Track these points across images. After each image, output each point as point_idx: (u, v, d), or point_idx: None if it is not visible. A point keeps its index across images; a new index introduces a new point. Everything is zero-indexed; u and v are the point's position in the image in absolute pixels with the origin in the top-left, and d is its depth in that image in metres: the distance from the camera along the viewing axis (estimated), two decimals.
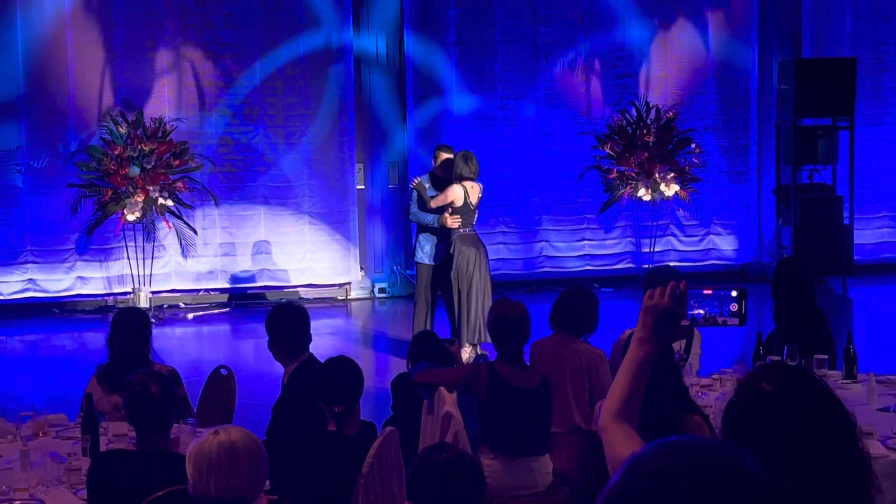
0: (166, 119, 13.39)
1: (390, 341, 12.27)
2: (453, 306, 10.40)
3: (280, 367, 6.36)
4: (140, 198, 12.89)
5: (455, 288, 10.30)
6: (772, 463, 2.40)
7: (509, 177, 14.54)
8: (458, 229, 10.36)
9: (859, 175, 14.74)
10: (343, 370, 5.34)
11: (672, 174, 14.10)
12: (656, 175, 14.05)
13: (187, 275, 13.97)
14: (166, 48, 13.77)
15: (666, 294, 2.68)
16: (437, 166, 10.75)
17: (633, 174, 14.18)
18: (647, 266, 13.90)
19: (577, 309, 6.80)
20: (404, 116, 14.54)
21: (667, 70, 15.08)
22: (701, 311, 2.75)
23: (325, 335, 11.75)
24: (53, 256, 13.59)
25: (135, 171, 12.90)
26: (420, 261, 10.75)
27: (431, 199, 10.50)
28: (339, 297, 14.53)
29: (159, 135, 13.21)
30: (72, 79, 13.50)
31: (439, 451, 3.99)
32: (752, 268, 15.32)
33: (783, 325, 6.77)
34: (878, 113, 15.46)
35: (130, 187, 12.92)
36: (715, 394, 6.20)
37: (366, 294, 14.64)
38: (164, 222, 13.28)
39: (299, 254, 14.27)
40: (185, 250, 13.67)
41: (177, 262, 13.86)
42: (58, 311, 13.74)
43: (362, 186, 14.58)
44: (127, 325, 6.35)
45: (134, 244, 13.38)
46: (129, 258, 13.46)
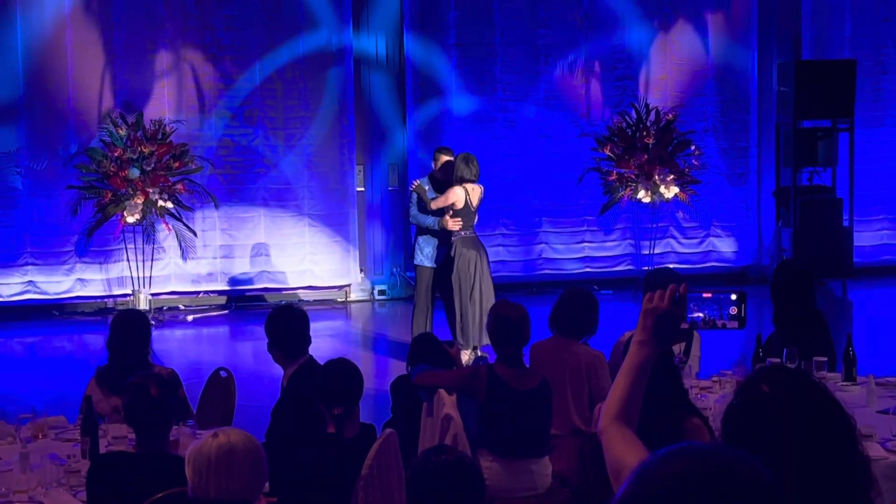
0: (166, 121, 13.39)
1: (390, 343, 12.26)
2: (453, 309, 10.38)
3: (279, 370, 6.36)
4: (140, 200, 12.89)
5: (456, 291, 10.28)
6: (771, 465, 2.39)
7: (509, 179, 14.54)
8: (459, 232, 10.34)
9: (859, 177, 14.73)
10: (342, 372, 5.35)
11: (672, 176, 14.10)
12: (656, 177, 14.05)
13: (187, 277, 13.97)
14: (166, 50, 13.77)
15: (666, 297, 2.68)
16: (438, 169, 10.72)
17: (633, 176, 14.18)
18: (646, 268, 13.89)
19: (577, 311, 6.80)
20: (404, 118, 14.53)
21: (666, 72, 15.08)
22: (700, 315, 2.75)
23: (325, 337, 11.75)
24: (53, 258, 13.59)
25: (134, 174, 12.90)
26: (420, 263, 10.71)
27: (432, 201, 10.48)
28: (338, 300, 14.53)
29: (159, 137, 13.21)
30: (71, 81, 13.50)
31: (439, 454, 3.99)
32: (752, 270, 15.32)
33: (783, 327, 6.76)
34: (877, 115, 15.45)
35: (130, 189, 12.92)
36: (714, 396, 6.20)
37: (365, 296, 14.64)
38: (164, 224, 13.27)
39: (299, 256, 14.26)
40: (185, 252, 13.67)
41: (176, 264, 13.85)
42: (57, 313, 13.73)
43: (362, 188, 14.57)
44: (126, 327, 6.35)
45: (133, 246, 13.38)
46: (128, 260, 13.46)
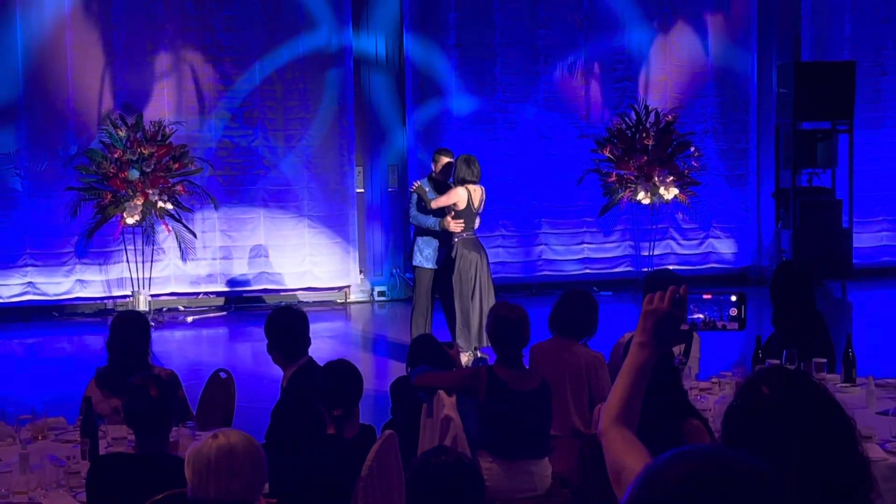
0: (166, 122, 13.39)
1: (389, 345, 12.26)
2: (453, 310, 10.37)
3: (279, 371, 6.36)
4: (139, 201, 12.89)
5: (457, 292, 10.27)
6: (772, 466, 2.39)
7: (508, 180, 14.54)
8: (461, 233, 10.34)
9: (858, 179, 14.73)
10: (342, 373, 5.34)
11: (671, 178, 14.10)
12: (655, 178, 14.05)
13: (186, 278, 13.97)
14: (166, 51, 13.77)
15: (665, 298, 2.68)
16: (439, 171, 10.70)
17: (633, 178, 14.18)
18: (646, 269, 13.89)
19: (577, 312, 6.80)
20: (404, 119, 14.53)
21: (666, 73, 15.08)
22: (700, 316, 2.75)
23: (325, 338, 11.74)
24: (53, 260, 13.58)
25: (134, 175, 12.90)
26: (419, 265, 10.67)
27: (433, 201, 10.47)
28: (338, 301, 14.53)
29: (159, 138, 13.21)
30: (71, 82, 13.50)
31: (438, 455, 3.99)
32: (752, 271, 15.32)
33: (782, 328, 6.76)
34: (877, 116, 15.45)
35: (130, 191, 12.92)
36: (714, 397, 6.20)
37: (365, 297, 14.63)
38: (164, 226, 13.27)
39: (298, 257, 14.26)
40: (185, 254, 13.67)
41: (176, 265, 13.85)
42: (57, 315, 13.73)
43: (362, 189, 14.57)
44: (126, 329, 6.35)
45: (133, 247, 13.38)
46: (128, 261, 13.46)
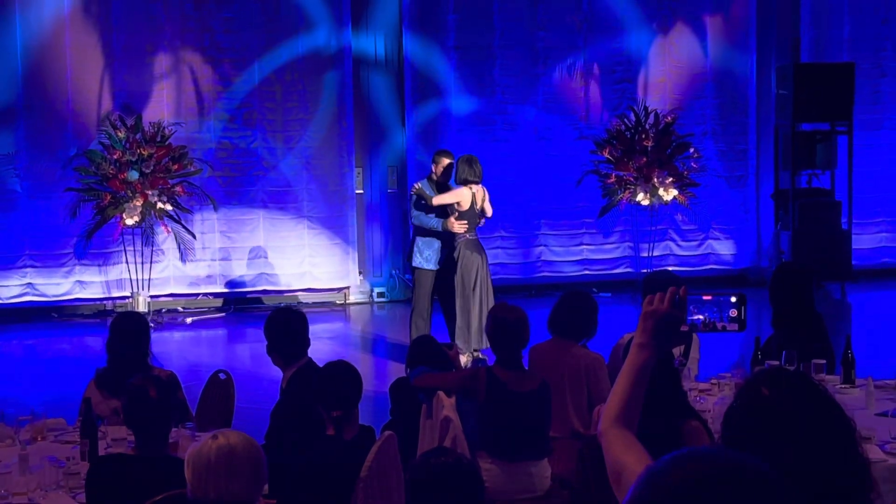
0: (165, 123, 13.39)
1: (389, 345, 12.26)
2: (453, 311, 10.36)
3: (279, 372, 6.36)
4: (139, 202, 12.89)
5: (458, 294, 10.27)
6: (772, 467, 2.39)
7: (508, 181, 14.53)
8: (464, 234, 10.34)
9: (858, 180, 14.73)
10: (342, 374, 5.34)
11: (670, 179, 14.10)
12: (655, 180, 14.05)
13: (186, 279, 13.97)
14: (165, 53, 13.77)
15: (665, 299, 2.68)
16: (440, 172, 10.68)
17: (632, 179, 14.18)
18: (645, 271, 13.89)
19: (576, 314, 6.80)
20: (403, 120, 14.53)
21: (665, 75, 15.08)
22: (700, 317, 2.75)
23: (324, 339, 11.74)
24: (52, 261, 13.58)
25: (133, 176, 12.90)
26: (419, 266, 10.64)
27: (435, 197, 10.44)
28: (337, 302, 14.53)
29: (158, 139, 13.21)
30: (70, 83, 13.50)
31: (438, 456, 3.99)
32: (751, 272, 15.32)
33: (781, 329, 6.76)
34: (876, 118, 15.45)
35: (129, 192, 12.92)
36: (713, 399, 6.20)
37: (364, 298, 14.63)
38: (163, 227, 13.27)
39: (298, 258, 14.26)
40: (184, 255, 13.67)
41: (175, 266, 13.85)
42: (56, 316, 13.73)
43: (361, 191, 14.57)
44: (126, 330, 6.35)
45: (133, 248, 13.37)
46: (127, 262, 13.46)
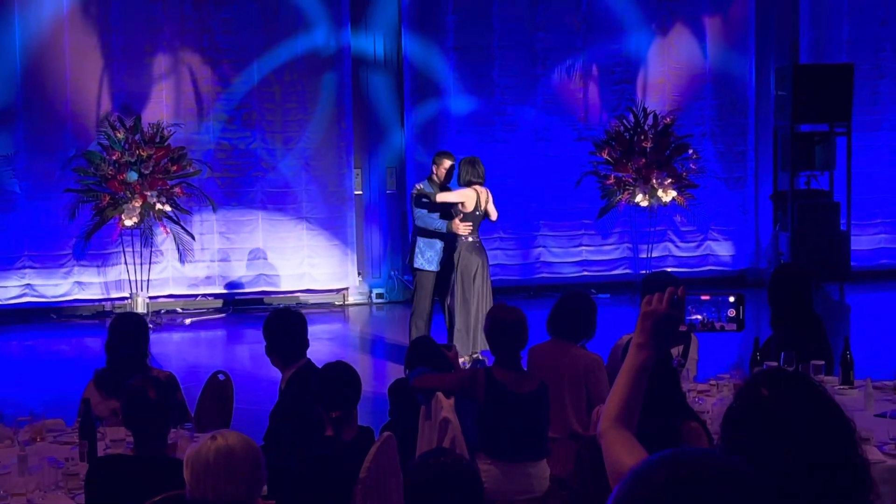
0: (164, 124, 13.39)
1: (388, 346, 12.26)
2: (453, 312, 10.36)
3: (277, 373, 6.35)
4: (138, 203, 12.89)
5: (458, 295, 10.26)
6: (771, 468, 2.40)
7: (507, 182, 14.52)
8: (467, 236, 10.34)
9: (856, 181, 14.73)
10: (340, 375, 5.34)
11: (669, 180, 14.10)
12: (654, 181, 14.06)
13: (185, 280, 13.97)
14: (164, 54, 13.77)
15: (664, 299, 2.68)
16: (442, 174, 10.67)
17: (631, 180, 14.18)
18: (644, 272, 13.89)
19: (575, 315, 6.80)
20: (402, 120, 14.53)
21: (664, 76, 15.08)
22: (699, 317, 2.75)
23: (323, 340, 11.75)
24: (51, 262, 13.58)
25: (132, 177, 12.90)
26: (420, 267, 10.61)
27: (439, 194, 10.42)
28: (336, 303, 14.52)
29: (157, 140, 13.21)
30: (69, 84, 13.50)
31: (437, 457, 3.99)
32: (750, 273, 15.32)
33: (780, 330, 6.76)
34: (875, 119, 15.45)
35: (128, 193, 12.92)
36: (712, 399, 6.20)
37: (363, 299, 14.63)
38: (162, 228, 13.27)
39: (297, 259, 14.26)
40: (183, 256, 13.67)
41: (174, 267, 13.85)
42: (55, 317, 13.73)
43: (360, 192, 14.57)
44: (125, 331, 6.35)
45: (132, 249, 13.37)
46: (126, 263, 13.46)
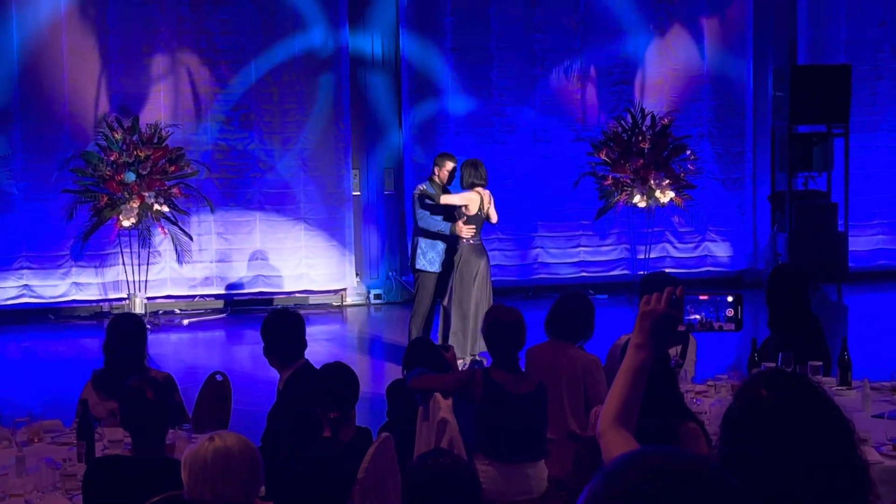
0: (162, 125, 13.38)
1: (386, 347, 12.26)
2: (449, 314, 10.36)
3: (275, 374, 6.35)
4: (136, 204, 12.88)
5: (457, 297, 10.26)
6: (771, 469, 2.40)
7: (505, 183, 14.51)
8: (469, 239, 10.34)
9: (854, 182, 14.74)
10: (338, 376, 5.34)
11: (667, 181, 14.11)
12: (651, 182, 14.06)
13: (183, 281, 13.96)
14: (162, 54, 13.76)
15: (663, 299, 2.68)
16: (445, 176, 10.66)
17: (629, 181, 14.19)
18: (642, 273, 13.88)
19: (573, 316, 6.80)
20: (400, 121, 14.53)
21: (662, 77, 15.08)
22: (697, 317, 2.75)
23: (321, 341, 11.74)
24: (49, 262, 13.56)
25: (130, 177, 12.89)
26: (422, 268, 10.58)
27: (442, 196, 10.42)
28: (334, 304, 14.52)
29: (155, 141, 13.21)
30: (67, 85, 13.49)
31: (435, 458, 3.98)
32: (748, 274, 15.31)
33: (778, 331, 6.76)
34: (873, 120, 15.46)
35: (126, 193, 12.92)
36: (710, 400, 6.20)
37: (361, 300, 14.63)
38: (160, 228, 13.27)
39: (295, 260, 14.25)
40: (181, 256, 13.66)
41: (172, 268, 13.84)
42: (53, 317, 13.72)
43: (358, 192, 14.57)
44: (122, 331, 6.35)
45: (129, 250, 13.37)
46: (124, 264, 13.45)
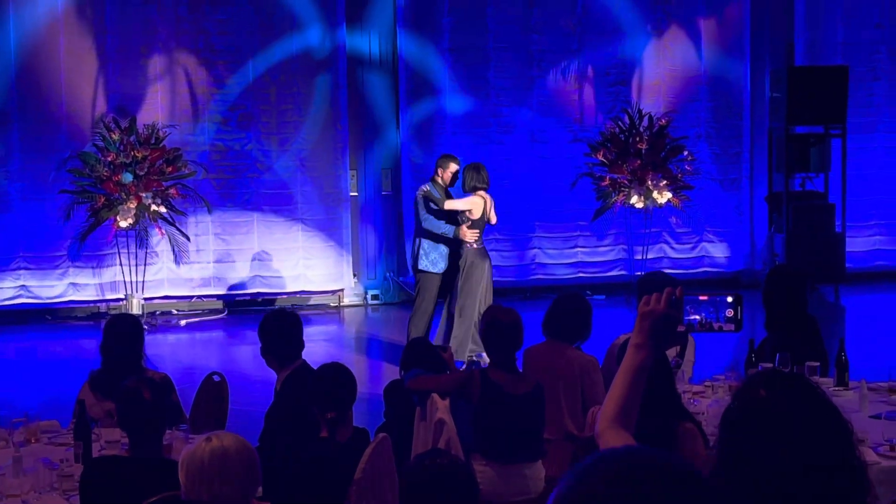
0: (159, 126, 13.37)
1: (383, 348, 12.26)
2: (453, 316, 10.36)
3: (273, 374, 6.35)
4: (133, 204, 12.88)
5: (461, 301, 10.26)
6: (769, 469, 2.39)
7: (502, 184, 14.50)
8: (472, 243, 10.34)
9: (851, 183, 14.75)
10: (336, 377, 5.34)
11: (664, 182, 14.11)
12: (649, 182, 14.07)
13: (180, 281, 13.95)
14: (159, 55, 13.75)
15: (662, 299, 2.68)
16: (448, 178, 10.65)
17: (626, 181, 14.19)
18: (639, 273, 13.89)
19: (570, 316, 6.80)
20: (398, 121, 14.52)
21: (660, 77, 15.08)
22: (697, 317, 2.75)
23: (319, 342, 11.74)
24: (46, 263, 13.55)
25: (128, 178, 12.89)
26: (425, 269, 10.56)
27: (448, 201, 10.42)
28: (331, 304, 14.51)
29: (152, 141, 13.20)
30: (64, 86, 13.48)
31: (432, 458, 3.98)
32: (745, 275, 15.32)
33: (775, 332, 6.76)
34: (870, 121, 15.47)
35: (123, 194, 12.91)
36: (707, 401, 6.21)
37: (359, 301, 14.63)
38: (157, 229, 13.26)
39: (292, 260, 14.25)
40: (178, 257, 13.65)
41: (169, 268, 13.83)
42: (50, 318, 13.71)
43: (355, 193, 14.56)
44: (120, 332, 6.34)
45: (127, 251, 13.36)
46: (121, 265, 13.44)
